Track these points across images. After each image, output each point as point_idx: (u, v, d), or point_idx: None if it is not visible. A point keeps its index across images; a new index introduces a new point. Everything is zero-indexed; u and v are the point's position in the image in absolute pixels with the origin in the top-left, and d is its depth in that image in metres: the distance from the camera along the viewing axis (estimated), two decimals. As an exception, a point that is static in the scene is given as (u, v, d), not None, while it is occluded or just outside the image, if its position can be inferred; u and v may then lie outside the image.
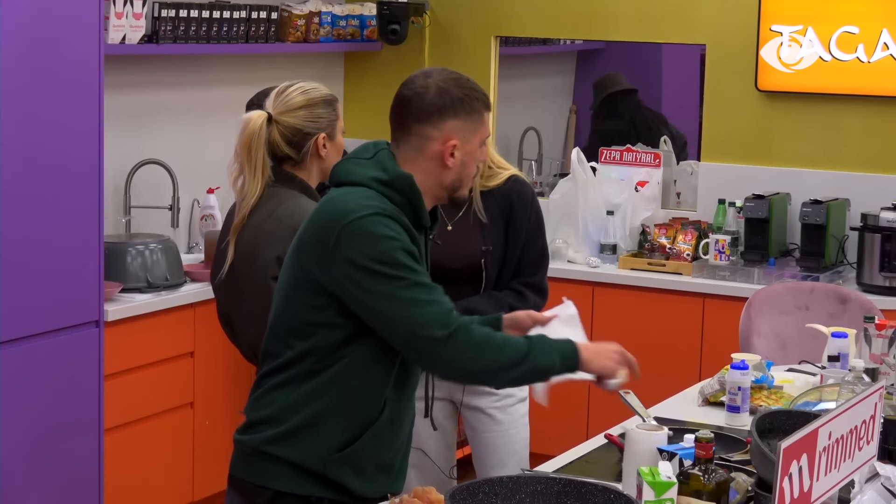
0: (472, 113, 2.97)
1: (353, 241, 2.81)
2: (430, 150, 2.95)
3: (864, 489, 3.00)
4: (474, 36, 6.66)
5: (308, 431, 2.90)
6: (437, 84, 2.93)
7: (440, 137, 2.93)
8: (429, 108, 2.92)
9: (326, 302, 2.85)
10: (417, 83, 2.95)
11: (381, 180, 2.90)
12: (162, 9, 5.44)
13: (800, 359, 4.45)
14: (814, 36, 5.94)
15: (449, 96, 2.93)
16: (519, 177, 4.04)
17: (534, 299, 4.01)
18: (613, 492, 2.64)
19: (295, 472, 2.91)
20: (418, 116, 2.92)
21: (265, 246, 3.35)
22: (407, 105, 2.94)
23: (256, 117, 3.40)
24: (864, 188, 5.89)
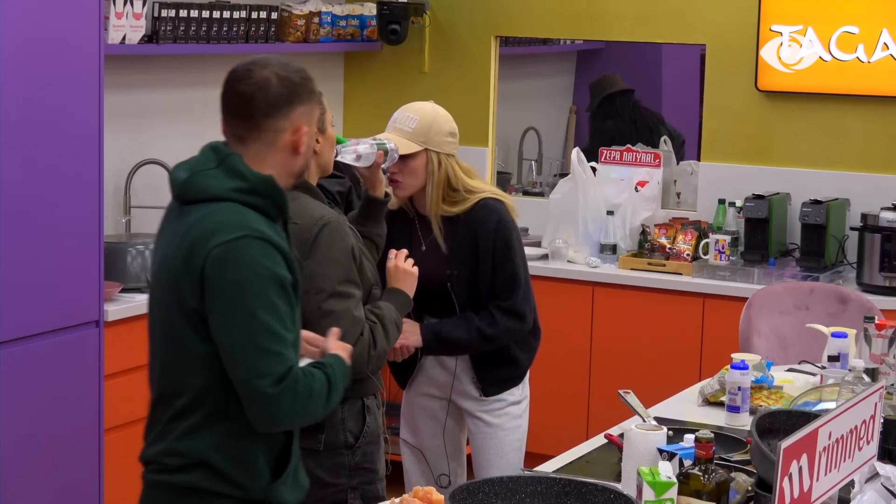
0: (312, 95, 2.94)
1: (219, 266, 2.73)
2: (282, 142, 2.88)
3: (864, 489, 3.00)
4: (474, 36, 6.66)
5: (241, 469, 2.81)
6: (276, 74, 2.89)
7: (290, 127, 2.87)
8: (277, 100, 2.86)
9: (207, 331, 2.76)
10: (255, 76, 2.91)
11: (243, 189, 2.81)
12: (162, 9, 5.44)
13: (800, 359, 4.45)
14: (814, 36, 5.94)
15: (292, 84, 2.88)
16: (487, 201, 4.03)
17: (505, 323, 4.04)
18: (613, 492, 2.64)
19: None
20: (267, 111, 2.86)
21: None
22: (251, 102, 2.87)
23: None
24: (864, 188, 5.89)
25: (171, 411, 2.85)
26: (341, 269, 3.35)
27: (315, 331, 3.16)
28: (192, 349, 2.79)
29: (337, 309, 3.33)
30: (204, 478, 2.81)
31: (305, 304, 3.28)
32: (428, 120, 4.01)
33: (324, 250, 3.32)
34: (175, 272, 2.82)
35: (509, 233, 4.04)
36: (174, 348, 2.83)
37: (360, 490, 3.45)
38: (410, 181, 3.99)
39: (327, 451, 3.42)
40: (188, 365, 2.81)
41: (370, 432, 3.46)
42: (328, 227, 3.34)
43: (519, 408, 4.21)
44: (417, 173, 3.98)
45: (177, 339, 2.82)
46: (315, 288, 3.31)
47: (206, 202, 2.83)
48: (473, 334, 4.04)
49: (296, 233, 3.28)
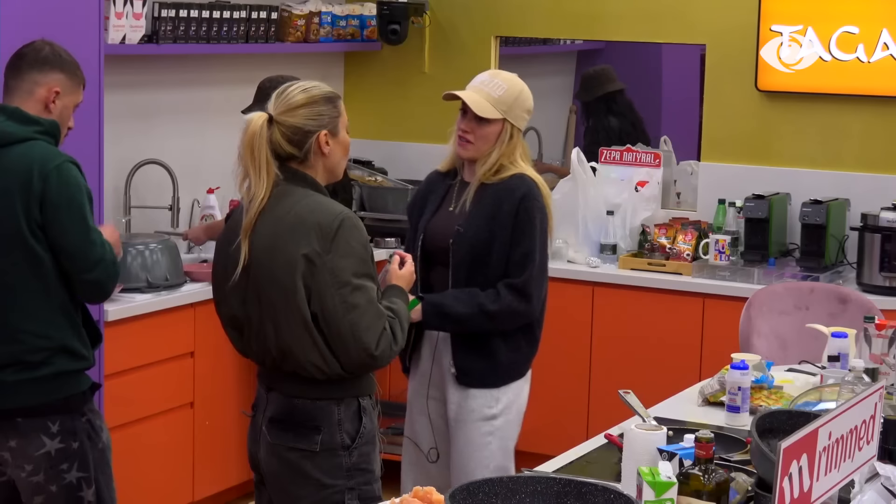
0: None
1: (56, 184, 3.56)
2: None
3: (864, 489, 3.00)
4: (474, 36, 6.66)
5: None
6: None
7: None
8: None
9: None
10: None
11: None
12: (162, 9, 5.44)
13: (800, 359, 4.45)
14: (814, 36, 5.94)
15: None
16: (524, 175, 4.05)
17: (509, 301, 4.00)
18: (613, 492, 2.64)
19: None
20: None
21: (289, 243, 3.34)
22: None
23: (257, 118, 3.39)
24: (864, 188, 5.89)
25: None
26: (362, 263, 3.36)
27: (340, 325, 3.30)
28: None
29: (361, 302, 3.34)
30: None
31: (328, 298, 3.29)
32: (515, 92, 4.08)
33: (344, 244, 3.33)
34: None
35: (534, 209, 4.02)
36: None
37: (357, 491, 3.46)
38: (480, 144, 4.06)
39: (324, 453, 3.42)
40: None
41: (366, 433, 3.47)
42: (347, 222, 3.36)
43: (491, 424, 4.10)
44: (489, 139, 4.05)
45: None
46: (338, 282, 3.32)
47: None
48: (475, 309, 4.00)
49: (316, 228, 3.31)
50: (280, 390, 3.46)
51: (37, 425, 3.64)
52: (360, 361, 3.37)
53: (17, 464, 3.68)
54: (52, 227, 3.58)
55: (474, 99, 4.03)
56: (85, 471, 3.73)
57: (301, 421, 3.42)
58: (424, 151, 6.75)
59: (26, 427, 3.63)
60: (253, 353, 3.50)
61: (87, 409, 3.73)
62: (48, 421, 3.64)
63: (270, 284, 3.37)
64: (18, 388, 3.61)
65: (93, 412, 3.77)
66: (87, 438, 3.74)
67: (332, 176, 3.50)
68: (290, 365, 3.40)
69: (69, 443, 3.69)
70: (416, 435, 4.28)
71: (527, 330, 4.13)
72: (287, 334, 3.36)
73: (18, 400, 3.62)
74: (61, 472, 3.68)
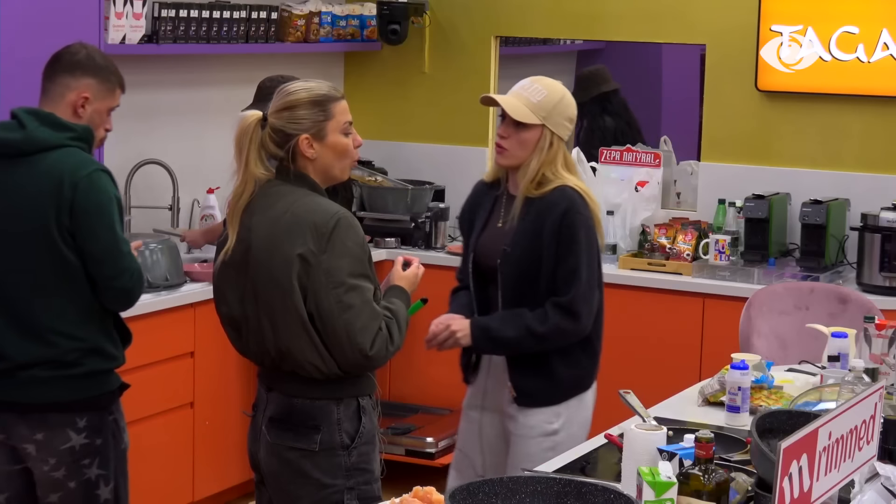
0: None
1: (85, 193, 3.61)
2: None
3: (864, 489, 3.00)
4: (474, 36, 6.66)
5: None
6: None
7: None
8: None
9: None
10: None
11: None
12: (162, 9, 5.44)
13: (800, 359, 4.45)
14: (814, 36, 5.94)
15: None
16: (566, 188, 3.90)
17: (557, 321, 3.87)
18: (613, 492, 2.64)
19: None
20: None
21: (285, 243, 3.35)
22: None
23: (248, 117, 3.41)
24: (864, 188, 5.89)
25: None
26: (357, 263, 3.36)
27: (335, 324, 3.30)
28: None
29: (356, 303, 3.34)
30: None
31: (323, 297, 3.29)
32: (555, 98, 3.92)
33: (339, 244, 3.33)
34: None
35: (578, 224, 3.88)
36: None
37: (356, 490, 3.46)
38: (517, 151, 3.90)
39: (323, 452, 3.42)
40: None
41: (366, 433, 3.47)
42: (343, 221, 3.35)
43: (553, 440, 3.97)
44: (527, 146, 3.90)
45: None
46: (333, 282, 3.32)
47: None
48: (522, 332, 3.88)
49: (312, 228, 3.31)
50: (280, 390, 3.47)
51: (65, 420, 3.69)
52: (355, 362, 3.37)
53: (41, 457, 3.70)
54: (81, 234, 3.63)
55: (512, 103, 3.90)
56: (104, 468, 3.76)
57: (300, 420, 3.43)
58: (424, 151, 6.76)
59: (55, 421, 3.69)
60: (251, 352, 3.51)
61: (114, 409, 3.79)
62: (76, 416, 3.70)
63: (268, 284, 3.38)
64: (51, 385, 3.67)
65: (119, 412, 3.82)
66: (112, 437, 3.78)
67: (327, 178, 3.48)
68: (288, 365, 3.40)
69: (93, 439, 3.73)
70: (466, 446, 4.20)
71: (585, 344, 3.99)
72: (285, 334, 3.36)
73: (50, 395, 3.68)
74: (82, 467, 3.72)
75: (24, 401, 3.68)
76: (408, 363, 6.30)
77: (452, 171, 6.66)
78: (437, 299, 4.07)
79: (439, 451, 5.92)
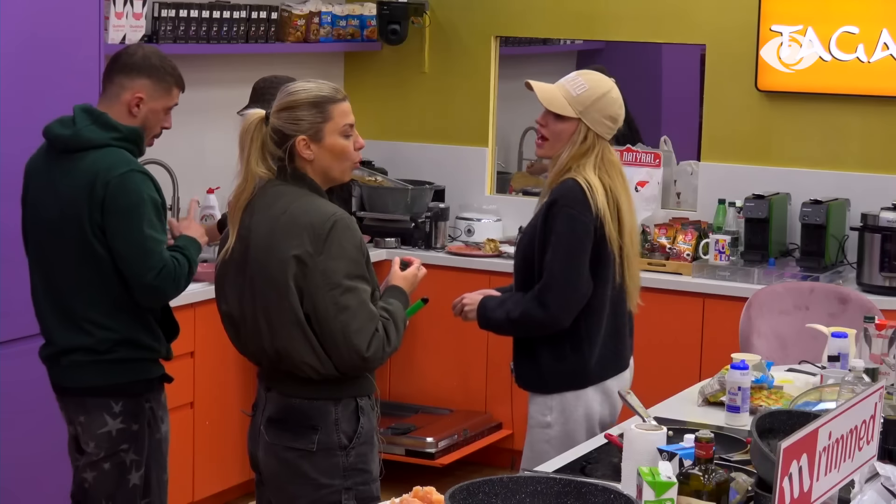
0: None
1: (115, 192, 3.74)
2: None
3: (864, 489, 3.00)
4: (474, 36, 6.66)
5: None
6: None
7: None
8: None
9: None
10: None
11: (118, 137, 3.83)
12: (162, 9, 5.44)
13: (800, 359, 4.45)
14: (814, 36, 5.94)
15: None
16: (570, 180, 3.87)
17: (528, 307, 3.87)
18: (613, 492, 2.64)
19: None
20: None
21: (282, 243, 3.35)
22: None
23: (252, 116, 3.42)
24: (864, 188, 5.89)
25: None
26: (354, 264, 3.36)
27: (331, 326, 3.30)
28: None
29: (353, 304, 3.33)
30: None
31: (320, 299, 3.30)
32: (596, 94, 3.88)
33: (336, 245, 3.33)
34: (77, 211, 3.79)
35: (558, 215, 3.84)
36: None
37: (354, 491, 3.45)
38: (554, 142, 3.91)
39: (321, 452, 3.42)
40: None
41: (364, 433, 3.46)
42: (340, 223, 3.35)
43: (546, 433, 3.96)
44: (561, 137, 3.89)
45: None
46: (329, 283, 3.32)
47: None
48: (503, 315, 3.93)
49: (308, 229, 3.31)
50: (278, 390, 3.47)
51: (101, 404, 3.85)
52: (351, 363, 3.37)
53: (84, 440, 3.89)
54: (110, 232, 3.77)
55: (549, 92, 3.90)
56: (138, 454, 3.90)
57: (298, 420, 3.43)
58: (424, 151, 6.76)
59: (92, 405, 3.85)
60: (249, 352, 3.51)
61: (151, 397, 3.92)
62: (112, 401, 3.85)
63: (265, 284, 3.38)
64: (88, 370, 3.85)
65: (157, 402, 3.96)
66: (147, 425, 3.91)
67: (328, 179, 3.48)
68: (285, 365, 3.41)
69: (129, 424, 3.87)
70: None
71: (574, 340, 3.93)
72: (281, 334, 3.37)
73: (87, 380, 3.85)
74: (120, 451, 3.87)
75: (67, 384, 3.88)
76: (408, 363, 6.30)
77: (452, 171, 6.67)
78: (437, 299, 4.07)
79: (439, 451, 5.92)
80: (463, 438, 6.05)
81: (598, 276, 3.89)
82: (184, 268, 3.83)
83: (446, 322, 6.12)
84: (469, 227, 6.50)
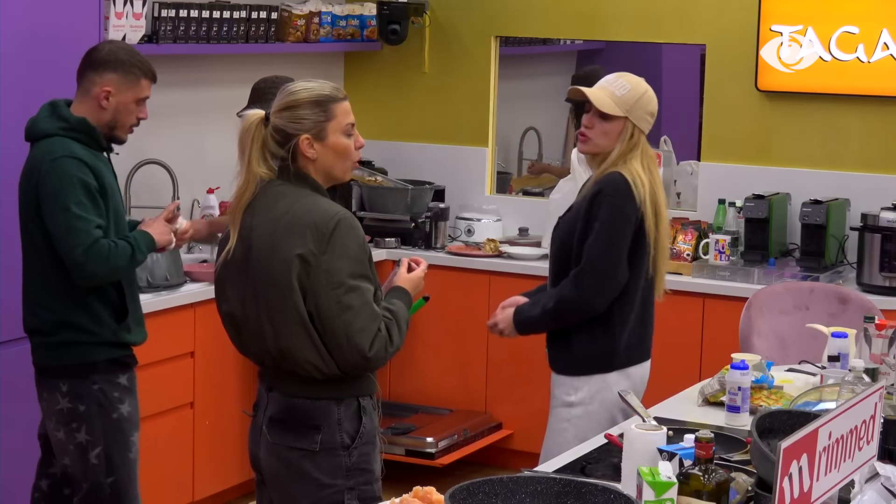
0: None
1: (47, 176, 3.92)
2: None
3: (864, 489, 3.00)
4: (474, 36, 6.66)
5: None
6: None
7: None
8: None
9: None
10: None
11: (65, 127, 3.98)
12: (162, 9, 5.44)
13: (800, 359, 4.45)
14: (814, 36, 5.95)
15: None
16: (614, 173, 4.07)
17: (564, 291, 4.05)
18: (613, 492, 2.64)
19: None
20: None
21: (284, 243, 3.35)
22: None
23: (252, 116, 3.41)
24: (864, 188, 5.89)
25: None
26: (357, 264, 3.36)
27: (334, 325, 3.32)
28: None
29: (356, 303, 3.34)
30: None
31: (323, 298, 3.30)
32: (638, 93, 4.14)
33: (339, 245, 3.33)
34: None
35: (604, 203, 4.02)
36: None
37: (356, 491, 3.45)
38: (600, 140, 4.10)
39: (324, 452, 3.42)
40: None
41: (366, 433, 3.46)
42: (343, 222, 3.35)
43: (569, 412, 4.12)
44: (610, 136, 4.10)
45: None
46: (333, 282, 3.33)
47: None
48: (538, 311, 4.11)
49: (312, 228, 3.32)
50: (280, 390, 3.47)
51: (52, 384, 4.05)
52: (353, 363, 3.37)
53: (47, 416, 4.09)
54: (43, 214, 3.97)
55: (598, 95, 4.11)
56: (91, 434, 4.04)
57: (301, 420, 3.43)
58: (424, 151, 6.76)
59: (46, 384, 4.07)
60: (252, 352, 3.51)
61: (98, 379, 4.04)
62: (59, 382, 4.04)
63: (268, 284, 3.38)
64: (38, 351, 4.09)
65: (109, 383, 4.07)
66: (97, 406, 4.04)
67: (329, 178, 3.48)
68: (288, 364, 3.40)
69: (76, 405, 4.03)
70: None
71: (605, 324, 4.09)
72: (284, 334, 3.36)
73: (38, 360, 4.09)
74: (72, 430, 4.03)
75: (34, 364, 4.10)
76: (408, 363, 6.30)
77: (452, 171, 6.67)
78: (437, 299, 4.09)
79: (439, 451, 5.92)
80: (463, 438, 6.05)
81: (634, 265, 4.08)
82: (122, 251, 3.96)
83: (446, 322, 6.13)
84: (469, 227, 6.50)
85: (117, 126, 4.09)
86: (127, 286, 4.10)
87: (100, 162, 4.04)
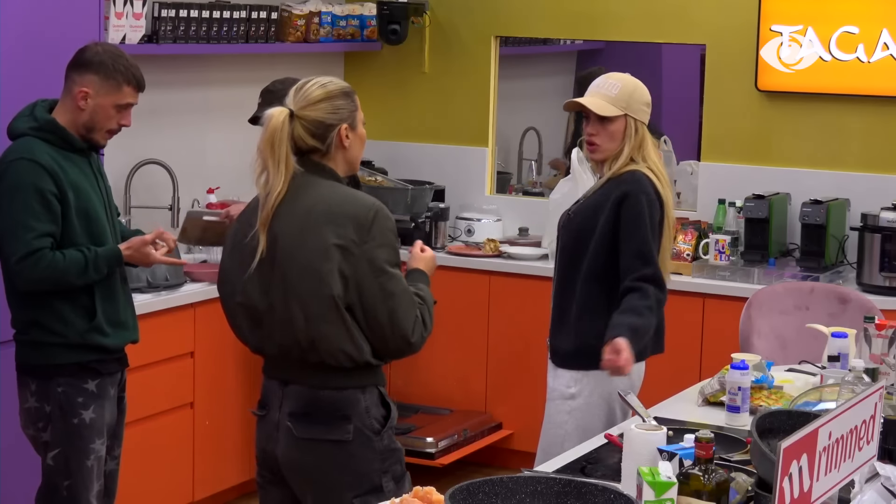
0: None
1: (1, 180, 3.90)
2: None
3: (864, 489, 3.01)
4: (474, 36, 6.66)
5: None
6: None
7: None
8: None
9: None
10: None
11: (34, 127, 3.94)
12: (162, 9, 5.44)
13: (800, 359, 4.45)
14: (814, 36, 5.95)
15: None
16: (636, 171, 4.11)
17: (653, 292, 4.03)
18: (613, 492, 2.64)
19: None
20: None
21: (320, 233, 3.36)
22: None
23: (278, 114, 3.41)
24: (864, 188, 5.90)
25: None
26: (394, 252, 3.45)
27: (378, 312, 3.38)
28: None
29: (397, 290, 3.41)
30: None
31: (367, 286, 3.36)
32: (630, 88, 4.18)
33: (380, 233, 3.41)
34: None
35: (640, 202, 4.06)
36: None
37: (390, 472, 3.49)
38: (608, 144, 4.15)
39: (357, 440, 3.43)
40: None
41: (392, 416, 3.53)
42: (381, 212, 3.44)
43: (568, 404, 4.16)
44: (615, 137, 4.14)
45: None
46: (375, 270, 3.38)
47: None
48: (632, 320, 4.01)
49: (353, 219, 3.38)
50: (303, 383, 3.45)
51: (24, 382, 4.07)
52: (397, 348, 3.44)
53: (20, 413, 4.10)
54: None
55: (594, 102, 4.15)
56: (52, 436, 4.03)
57: (329, 412, 3.43)
58: (424, 151, 6.76)
59: (20, 382, 4.09)
60: (275, 345, 3.47)
61: (63, 382, 4.01)
62: (29, 380, 4.05)
63: (301, 274, 3.37)
64: (17, 348, 4.08)
65: (74, 388, 4.02)
66: (59, 409, 4.01)
67: (350, 168, 3.56)
68: (318, 354, 3.40)
69: (42, 404, 4.03)
70: None
71: (609, 318, 4.07)
72: (320, 323, 3.36)
73: (16, 357, 4.09)
74: (39, 429, 4.05)
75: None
76: (408, 363, 6.29)
77: (452, 171, 6.67)
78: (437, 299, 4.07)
79: (439, 451, 5.92)
80: (463, 438, 6.05)
81: None
82: (71, 263, 3.90)
83: (446, 322, 6.12)
84: (469, 227, 6.50)
85: (95, 129, 4.03)
86: (100, 287, 4.02)
87: (69, 163, 3.98)
